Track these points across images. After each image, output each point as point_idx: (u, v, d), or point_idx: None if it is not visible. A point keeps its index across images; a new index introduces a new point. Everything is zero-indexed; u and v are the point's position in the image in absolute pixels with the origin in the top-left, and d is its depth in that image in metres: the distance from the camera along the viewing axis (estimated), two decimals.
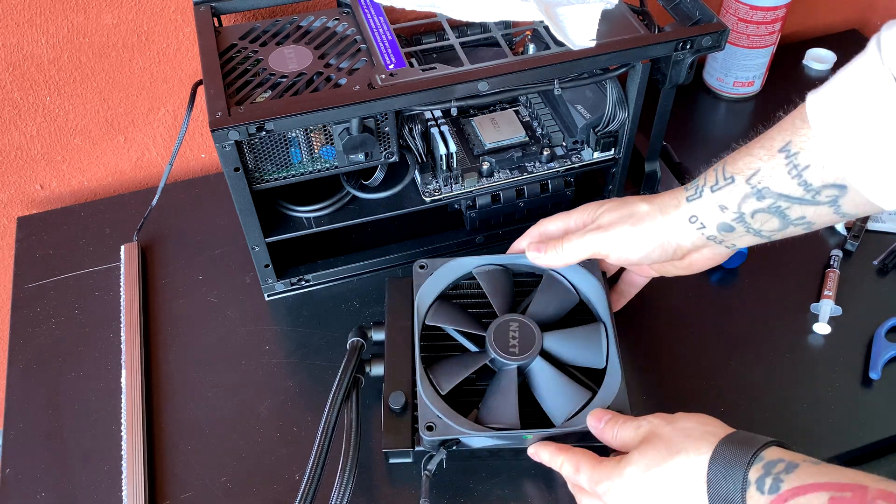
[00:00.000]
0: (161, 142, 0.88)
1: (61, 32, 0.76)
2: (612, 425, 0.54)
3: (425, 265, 0.65)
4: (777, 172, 0.50)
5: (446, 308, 0.63)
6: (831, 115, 0.47)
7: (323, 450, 0.55)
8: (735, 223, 0.53)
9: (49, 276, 0.77)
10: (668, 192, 0.58)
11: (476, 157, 0.74)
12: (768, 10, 0.87)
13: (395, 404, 0.59)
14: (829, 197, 0.48)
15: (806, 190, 0.49)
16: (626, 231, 0.57)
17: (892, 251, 0.75)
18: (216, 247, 0.79)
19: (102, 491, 0.61)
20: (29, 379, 0.69)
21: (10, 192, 0.87)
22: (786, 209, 0.51)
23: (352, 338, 0.63)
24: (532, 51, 0.75)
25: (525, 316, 0.61)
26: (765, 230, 0.53)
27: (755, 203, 0.52)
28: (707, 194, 0.54)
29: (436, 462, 0.57)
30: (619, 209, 0.59)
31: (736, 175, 0.52)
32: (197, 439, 0.64)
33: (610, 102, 0.70)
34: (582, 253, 0.60)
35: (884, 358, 0.66)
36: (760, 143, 0.52)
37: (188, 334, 0.72)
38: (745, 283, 0.74)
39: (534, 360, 0.59)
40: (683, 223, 0.56)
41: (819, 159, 0.47)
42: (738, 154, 0.53)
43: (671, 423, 0.50)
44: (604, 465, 0.52)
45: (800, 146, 0.48)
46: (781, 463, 0.44)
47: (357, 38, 0.68)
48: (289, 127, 0.59)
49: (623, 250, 0.58)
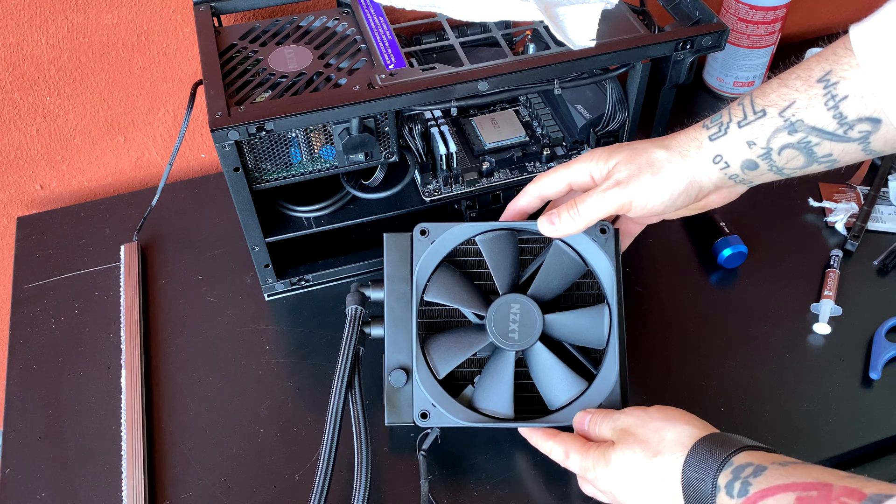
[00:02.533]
0: (161, 142, 0.88)
1: (61, 32, 0.76)
2: (593, 424, 0.55)
3: (426, 230, 0.60)
4: (814, 103, 0.48)
5: (446, 280, 0.60)
6: (878, 45, 0.46)
7: (335, 432, 0.56)
8: (761, 160, 0.52)
9: (49, 276, 0.77)
10: (682, 132, 0.55)
11: (476, 157, 0.74)
12: (768, 10, 0.87)
13: (397, 383, 0.59)
14: (860, 133, 0.48)
15: (840, 123, 0.48)
16: (648, 181, 0.54)
17: (892, 251, 0.75)
18: (216, 247, 0.79)
19: (102, 491, 0.61)
20: (29, 379, 0.69)
21: (10, 192, 0.87)
22: (815, 145, 0.50)
23: (350, 304, 0.61)
24: (532, 51, 0.75)
25: (527, 296, 0.58)
26: (788, 167, 0.52)
27: (786, 137, 0.50)
28: (734, 130, 0.52)
29: (430, 440, 0.58)
30: (636, 159, 0.54)
31: (768, 108, 0.51)
32: (197, 439, 0.64)
33: (610, 102, 0.70)
34: (602, 211, 0.55)
35: (884, 358, 0.66)
36: (796, 74, 0.50)
37: (188, 334, 0.72)
38: (745, 283, 0.74)
39: (534, 345, 0.59)
40: (707, 164, 0.53)
41: (859, 89, 0.47)
42: (769, 86, 0.51)
43: (645, 425, 0.51)
44: (590, 453, 0.53)
45: (840, 75, 0.47)
46: (750, 467, 0.45)
47: (357, 38, 0.68)
48: (289, 127, 0.59)
49: (647, 202, 0.54)
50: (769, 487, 0.42)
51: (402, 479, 0.61)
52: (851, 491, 0.39)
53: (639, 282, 0.74)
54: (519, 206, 0.61)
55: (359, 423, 0.57)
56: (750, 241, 0.74)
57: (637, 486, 0.50)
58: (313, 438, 0.64)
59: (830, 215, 0.79)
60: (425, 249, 0.60)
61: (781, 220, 0.79)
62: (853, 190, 0.81)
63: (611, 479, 0.51)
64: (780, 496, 0.42)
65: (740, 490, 0.44)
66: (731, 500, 0.44)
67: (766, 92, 0.51)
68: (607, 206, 0.54)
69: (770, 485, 0.43)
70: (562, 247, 0.59)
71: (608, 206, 0.54)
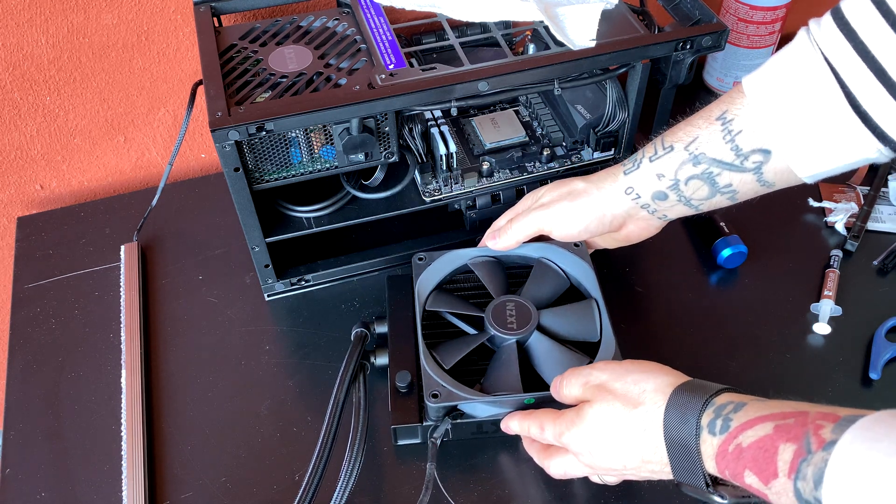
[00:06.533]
0: (161, 142, 0.88)
1: (61, 32, 0.76)
2: (564, 383, 0.55)
3: (423, 257, 0.67)
4: (713, 138, 0.56)
5: (445, 295, 0.66)
6: (765, 86, 0.53)
7: (331, 433, 0.57)
8: (669, 191, 0.59)
9: (49, 276, 0.77)
10: (605, 169, 0.63)
11: (476, 157, 0.74)
12: (768, 10, 0.87)
13: (402, 382, 0.60)
14: (754, 163, 0.54)
15: (736, 154, 0.55)
16: (565, 206, 0.62)
17: (892, 251, 0.75)
18: (216, 247, 0.79)
19: (102, 491, 0.61)
20: (29, 379, 0.69)
21: (10, 192, 0.87)
22: (716, 175, 0.56)
23: (356, 329, 0.64)
24: (532, 51, 0.75)
25: (520, 296, 0.64)
26: (695, 198, 0.58)
27: (691, 169, 0.57)
28: (645, 164, 0.59)
29: (441, 431, 0.58)
30: (559, 188, 0.64)
31: (675, 143, 0.58)
32: (197, 439, 0.64)
33: (610, 102, 0.70)
34: (528, 230, 0.64)
35: (884, 358, 0.66)
36: (700, 115, 0.58)
37: (188, 334, 0.72)
38: (745, 283, 0.74)
39: (532, 335, 0.61)
40: (619, 195, 0.61)
41: (750, 124, 0.54)
42: (677, 127, 0.59)
43: (621, 378, 0.51)
44: (564, 418, 0.53)
45: (734, 113, 0.55)
46: (731, 405, 0.46)
47: (357, 38, 0.68)
48: (289, 127, 0.59)
49: (564, 225, 0.63)
50: (749, 420, 0.44)
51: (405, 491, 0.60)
52: (826, 415, 0.41)
53: (639, 282, 0.74)
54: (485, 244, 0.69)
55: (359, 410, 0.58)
56: (750, 241, 0.74)
57: (615, 440, 0.50)
58: (313, 438, 0.63)
59: (830, 215, 0.79)
60: (424, 269, 0.67)
61: (781, 220, 0.79)
62: (853, 190, 0.81)
63: (586, 437, 0.51)
64: (759, 426, 0.43)
65: (722, 427, 0.45)
66: (713, 438, 0.45)
67: (674, 131, 0.59)
68: (532, 225, 0.64)
69: (749, 417, 0.44)
70: (545, 262, 0.67)
71: (533, 225, 0.64)
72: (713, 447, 0.45)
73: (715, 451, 0.45)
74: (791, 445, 0.40)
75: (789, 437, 0.41)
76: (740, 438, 0.44)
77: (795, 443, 0.40)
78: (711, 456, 0.45)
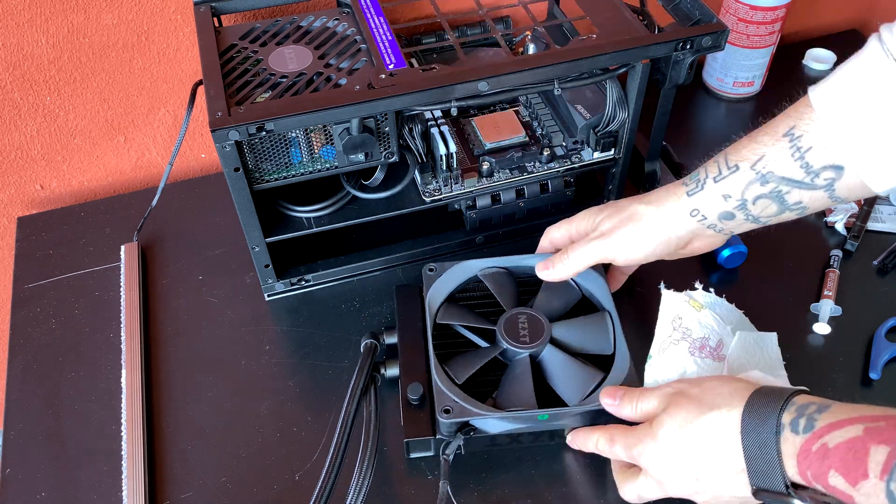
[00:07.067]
0: (161, 142, 0.88)
1: (61, 32, 0.76)
2: (630, 399, 0.55)
3: (434, 268, 0.67)
4: (781, 156, 0.53)
5: (456, 308, 0.65)
6: (835, 100, 0.50)
7: (342, 446, 0.56)
8: (736, 210, 0.56)
9: (49, 276, 0.77)
10: (663, 188, 0.61)
11: (476, 157, 0.74)
12: (768, 10, 0.87)
13: (414, 394, 0.59)
14: (826, 180, 0.52)
15: (807, 172, 0.52)
16: (628, 233, 0.60)
17: (892, 251, 0.75)
18: (216, 247, 0.79)
19: (102, 491, 0.61)
20: (29, 379, 0.69)
21: (10, 192, 0.87)
22: (786, 194, 0.54)
23: (365, 341, 0.64)
24: (532, 51, 0.75)
25: (532, 309, 0.63)
26: (763, 216, 0.56)
27: (758, 188, 0.54)
28: (710, 185, 0.57)
29: (454, 447, 0.57)
30: (619, 213, 0.61)
31: (740, 163, 0.55)
32: (197, 439, 0.64)
33: (610, 102, 0.70)
34: (588, 261, 0.62)
35: (884, 358, 0.66)
36: (764, 131, 0.55)
37: (188, 334, 0.72)
38: (745, 283, 0.74)
39: (545, 348, 0.60)
40: (684, 217, 0.58)
41: (821, 140, 0.51)
42: (740, 144, 0.56)
43: (698, 385, 0.51)
44: (636, 430, 0.53)
45: (803, 129, 0.52)
46: (813, 405, 0.45)
47: (357, 38, 0.68)
48: (289, 127, 0.59)
49: (628, 252, 0.61)
50: (837, 421, 0.43)
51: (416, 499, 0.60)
52: None
53: (639, 282, 0.74)
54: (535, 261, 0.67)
55: (370, 424, 0.57)
56: (750, 241, 0.74)
57: (689, 447, 0.49)
58: (313, 438, 0.64)
59: (830, 215, 0.79)
60: (434, 280, 0.66)
61: None
62: None
63: (658, 448, 0.50)
64: (848, 427, 0.42)
65: (806, 426, 0.44)
66: (795, 437, 0.44)
67: (737, 149, 0.56)
68: (592, 255, 0.61)
69: (837, 419, 0.43)
70: None
71: (593, 255, 0.61)
72: (795, 446, 0.44)
73: (797, 450, 0.44)
74: (884, 447, 0.40)
75: (882, 440, 0.40)
76: (826, 438, 0.43)
77: (889, 444, 0.40)
78: (793, 455, 0.44)
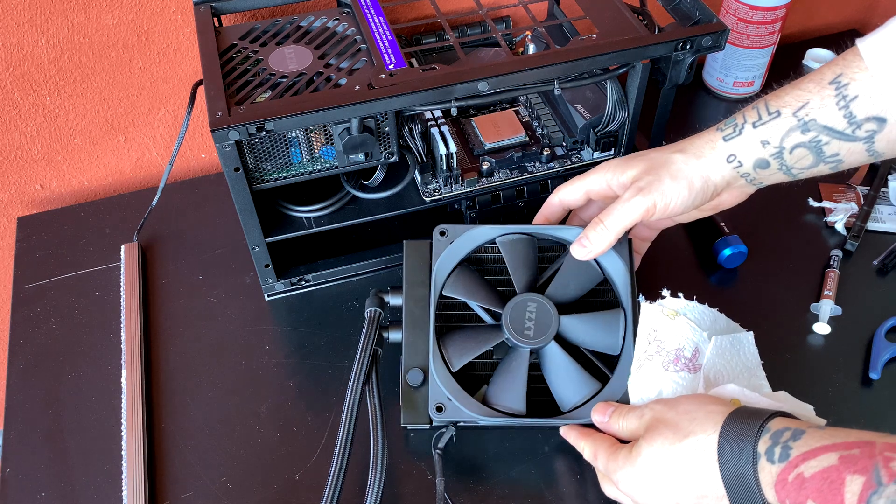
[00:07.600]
0: (161, 142, 0.88)
1: (61, 32, 0.76)
2: (618, 417, 0.55)
3: (446, 231, 0.63)
4: (826, 103, 0.52)
5: (464, 278, 0.61)
6: (885, 51, 0.50)
7: (349, 431, 0.56)
8: (772, 158, 0.55)
9: (49, 276, 0.77)
10: (696, 135, 0.58)
11: (476, 157, 0.74)
12: (768, 10, 0.87)
13: (414, 382, 0.59)
14: (867, 132, 0.51)
15: (849, 122, 0.52)
16: (668, 185, 0.56)
17: (892, 251, 0.75)
18: (216, 247, 0.79)
19: (102, 491, 0.61)
20: (29, 379, 0.69)
21: (10, 192, 0.87)
22: (825, 144, 0.53)
23: (369, 306, 0.62)
24: (532, 51, 0.75)
25: (544, 296, 0.60)
26: (797, 167, 0.55)
27: (798, 136, 0.53)
28: (748, 131, 0.55)
29: (445, 440, 0.58)
30: (654, 164, 0.57)
31: (783, 108, 0.54)
32: (197, 439, 0.64)
33: (610, 102, 0.70)
34: (630, 220, 0.57)
35: (884, 358, 0.66)
36: (810, 79, 0.54)
37: (188, 334, 0.72)
38: (745, 283, 0.74)
39: (547, 345, 0.59)
40: (721, 163, 0.56)
41: (867, 90, 0.50)
42: (783, 91, 0.55)
43: (673, 408, 0.51)
44: (618, 454, 0.52)
45: (851, 77, 0.51)
46: (788, 431, 0.45)
47: (357, 38, 0.68)
48: (289, 127, 0.59)
49: (668, 204, 0.57)
50: (811, 450, 0.43)
51: (415, 481, 0.60)
52: (894, 446, 0.40)
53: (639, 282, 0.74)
54: (543, 216, 0.65)
55: (376, 418, 0.57)
56: (750, 241, 0.74)
57: (667, 477, 0.49)
58: (313, 438, 0.64)
59: (830, 215, 0.79)
60: (444, 248, 0.62)
61: (781, 220, 0.79)
62: (853, 190, 0.81)
63: (635, 480, 0.51)
64: (823, 456, 0.42)
65: (781, 455, 0.44)
66: (772, 466, 0.44)
67: (780, 95, 0.55)
68: (633, 213, 0.57)
69: (811, 447, 0.43)
70: None
71: (634, 213, 0.57)
72: (772, 475, 0.44)
73: (774, 480, 0.44)
74: (859, 477, 0.40)
75: (856, 469, 0.40)
76: (802, 468, 0.43)
77: (863, 474, 0.40)
78: (770, 484, 0.44)
